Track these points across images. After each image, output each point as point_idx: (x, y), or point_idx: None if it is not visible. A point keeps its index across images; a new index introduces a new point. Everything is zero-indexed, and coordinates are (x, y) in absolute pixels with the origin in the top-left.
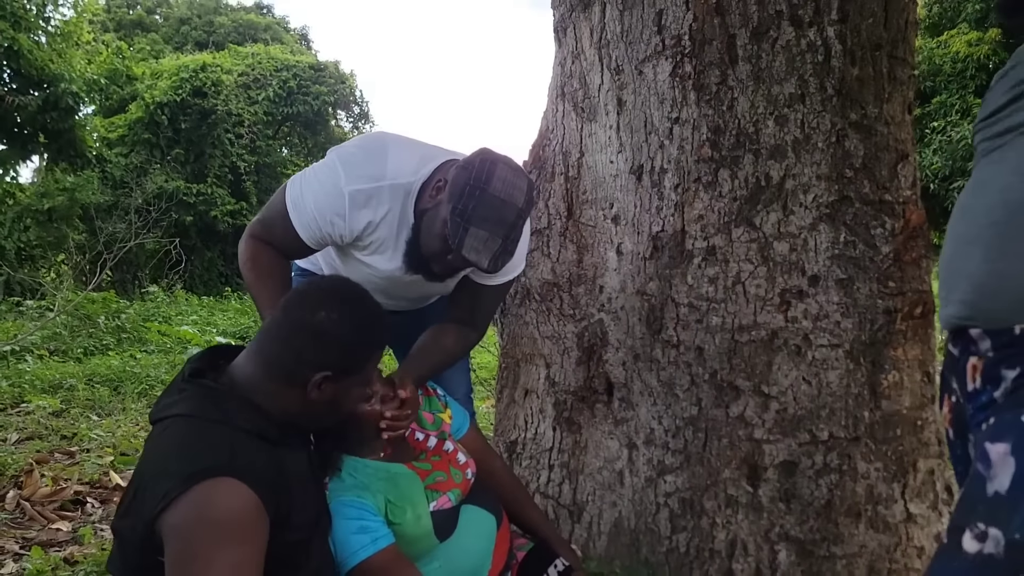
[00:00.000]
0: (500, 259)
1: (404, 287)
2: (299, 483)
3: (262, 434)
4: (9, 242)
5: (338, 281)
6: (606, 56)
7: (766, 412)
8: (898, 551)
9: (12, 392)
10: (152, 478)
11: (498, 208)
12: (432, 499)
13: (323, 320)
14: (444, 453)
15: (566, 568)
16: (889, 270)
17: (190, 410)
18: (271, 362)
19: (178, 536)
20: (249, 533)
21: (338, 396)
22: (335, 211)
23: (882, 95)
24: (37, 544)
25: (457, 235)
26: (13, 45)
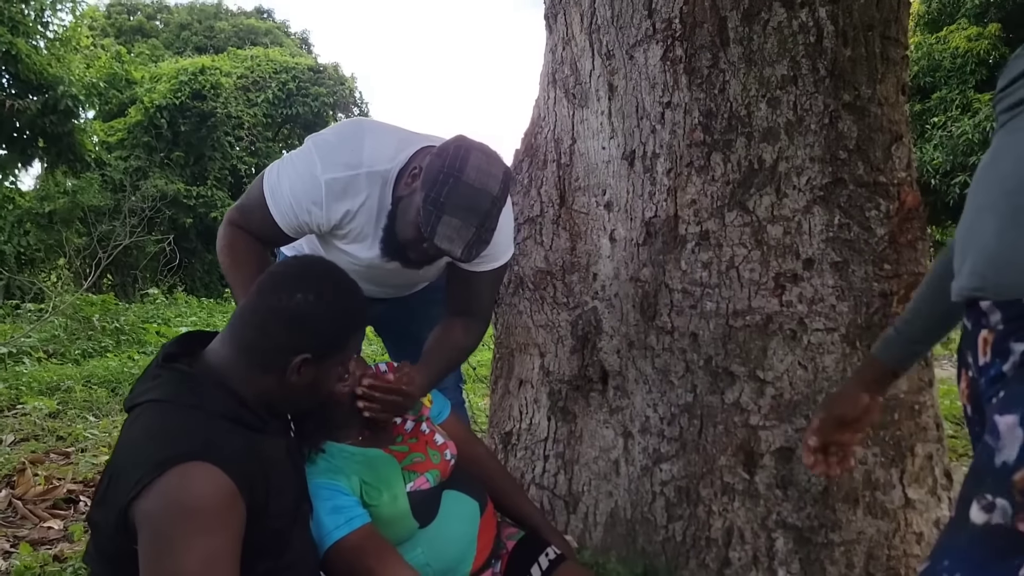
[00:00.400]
0: (474, 248)
1: (386, 274)
2: (277, 470)
3: (238, 419)
4: (9, 246)
5: (312, 261)
6: (597, 41)
7: (762, 398)
8: (896, 537)
9: (9, 394)
10: (125, 466)
11: (471, 196)
12: (409, 480)
13: (299, 303)
14: (421, 435)
15: (557, 556)
16: (884, 252)
17: (163, 395)
18: (247, 347)
19: (151, 524)
20: (224, 520)
21: (318, 378)
22: (312, 200)
23: (875, 76)
24: (28, 542)
25: (430, 223)
26: (11, 50)
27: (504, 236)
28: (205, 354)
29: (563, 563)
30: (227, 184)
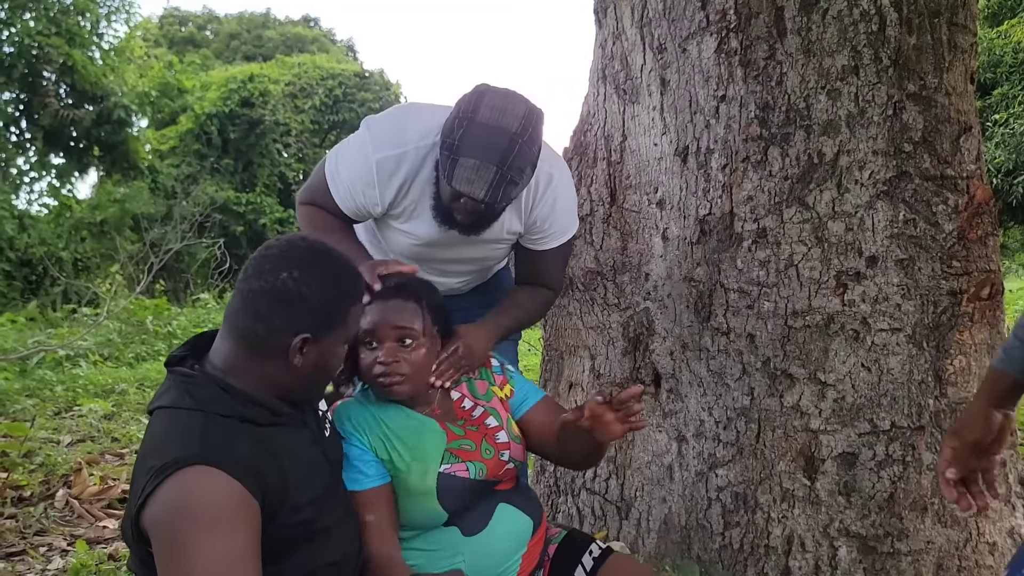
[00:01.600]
0: (500, 189)
1: (446, 251)
2: (298, 461)
3: (242, 416)
4: (66, 253)
5: (295, 239)
6: (648, 35)
7: (823, 401)
8: (968, 547)
9: (66, 396)
10: (135, 474)
11: (487, 135)
12: (448, 461)
13: (285, 281)
14: (483, 426)
15: (603, 551)
16: (953, 249)
17: (167, 402)
18: (244, 336)
19: (158, 531)
20: (230, 520)
21: (324, 358)
22: (365, 181)
23: (942, 64)
24: (84, 540)
25: (447, 168)
26: (68, 61)
27: (565, 211)
28: (210, 354)
29: (610, 557)
30: (276, 191)
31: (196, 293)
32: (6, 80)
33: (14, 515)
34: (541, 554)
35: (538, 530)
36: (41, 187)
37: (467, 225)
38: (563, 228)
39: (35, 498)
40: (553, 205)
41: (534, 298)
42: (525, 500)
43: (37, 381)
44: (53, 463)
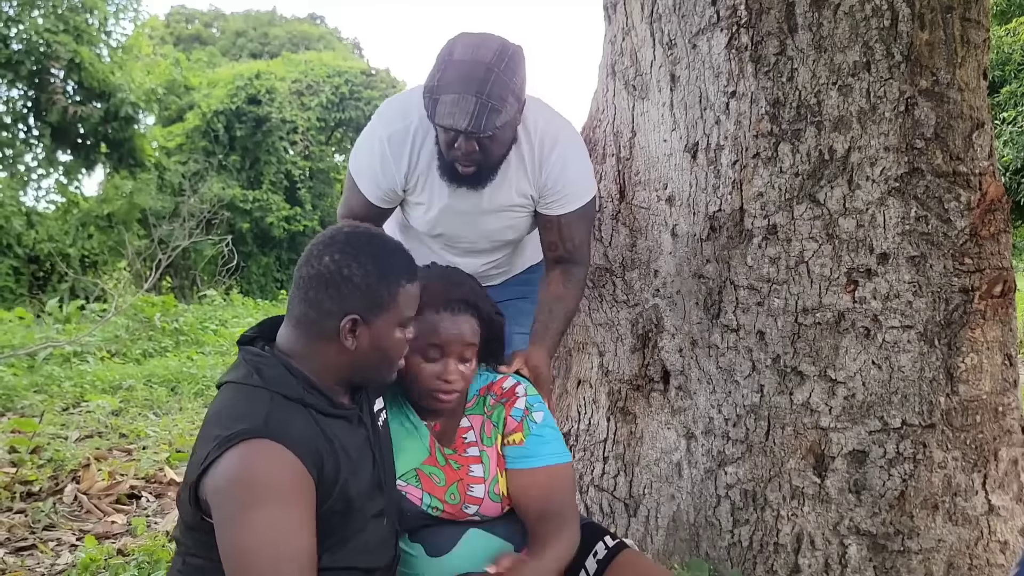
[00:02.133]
0: (483, 117)
1: (464, 223)
2: (351, 455)
3: (304, 401)
4: (74, 249)
5: (339, 228)
6: (658, 31)
7: (833, 398)
8: (979, 545)
9: (74, 392)
10: (198, 442)
11: (461, 69)
12: (406, 479)
13: (328, 264)
14: (465, 470)
15: (614, 545)
16: (965, 246)
17: (236, 377)
18: (300, 321)
19: (218, 500)
20: (288, 493)
21: (379, 339)
22: (382, 159)
23: (954, 60)
24: (93, 535)
25: (430, 109)
26: (75, 58)
27: (577, 173)
28: (277, 337)
29: (621, 552)
30: (282, 188)
31: (203, 290)
32: (14, 77)
33: (23, 510)
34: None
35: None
36: (49, 184)
37: (470, 177)
38: (578, 191)
39: (44, 493)
40: (563, 166)
41: (568, 284)
42: (504, 524)
43: (45, 377)
44: (61, 458)
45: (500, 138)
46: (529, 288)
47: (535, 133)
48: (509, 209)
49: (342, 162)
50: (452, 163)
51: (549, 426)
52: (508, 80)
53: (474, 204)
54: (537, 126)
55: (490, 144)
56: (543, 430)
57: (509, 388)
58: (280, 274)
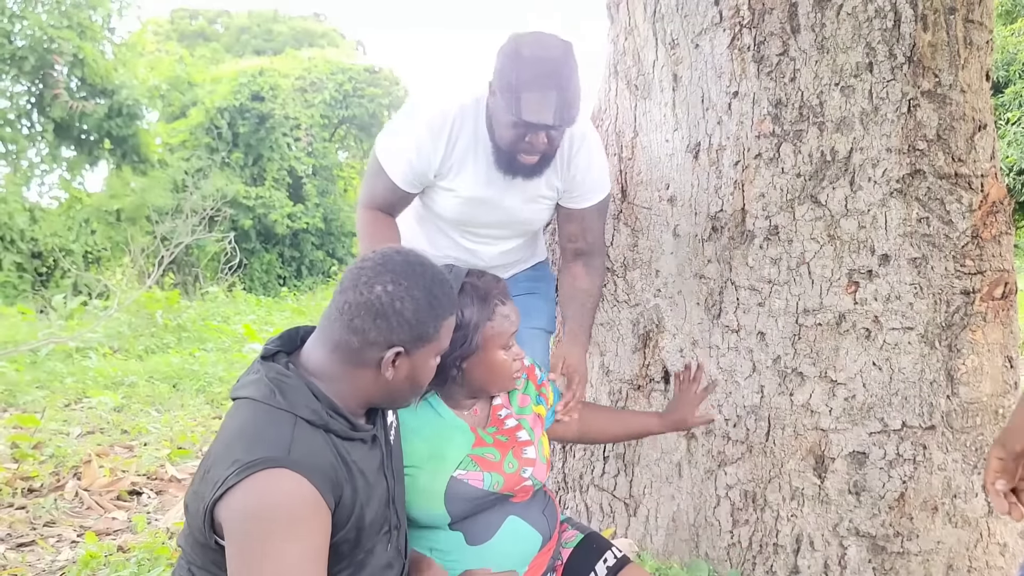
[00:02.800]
0: (563, 111)
1: (489, 211)
2: (367, 481)
3: (326, 426)
4: (77, 245)
5: (391, 252)
6: (661, 31)
7: (833, 399)
8: (979, 547)
9: (76, 388)
10: (215, 462)
11: (537, 66)
12: (465, 467)
13: (380, 295)
14: (513, 438)
15: (619, 559)
16: (967, 248)
17: (258, 394)
18: (338, 346)
19: (236, 528)
20: (306, 526)
21: (414, 370)
22: (418, 144)
23: (957, 61)
24: (93, 532)
25: (513, 106)
26: (79, 54)
27: (600, 169)
28: (302, 354)
29: (625, 567)
30: (285, 185)
31: (205, 287)
32: (18, 73)
33: (24, 506)
34: (549, 561)
35: (547, 544)
36: (52, 180)
37: (531, 166)
38: (600, 186)
39: (45, 489)
40: (589, 163)
41: (592, 276)
42: (538, 513)
43: (47, 373)
44: (63, 455)
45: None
46: (536, 284)
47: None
48: (536, 200)
49: (345, 159)
50: (513, 155)
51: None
52: (575, 73)
53: (505, 193)
54: None
55: (558, 136)
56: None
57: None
58: (283, 271)
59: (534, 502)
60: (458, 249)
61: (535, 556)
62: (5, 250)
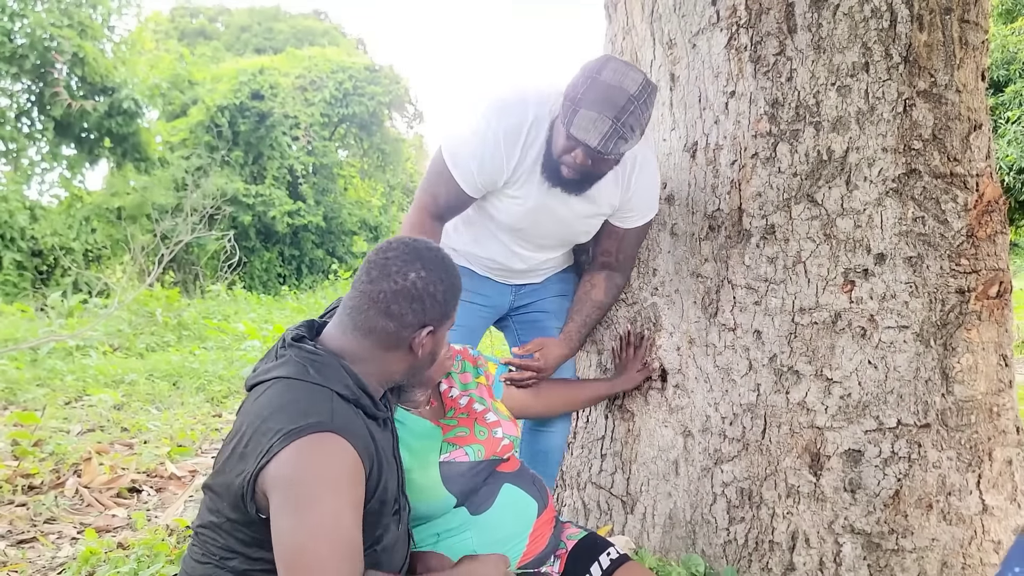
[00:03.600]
0: (611, 141)
1: (547, 223)
2: (386, 458)
3: (358, 403)
4: (77, 243)
5: (409, 243)
6: (658, 31)
7: (829, 397)
8: (973, 545)
9: (76, 386)
10: (254, 435)
11: (607, 91)
12: (446, 450)
13: (415, 280)
14: (472, 411)
15: (619, 556)
16: (962, 247)
17: (291, 373)
18: (372, 332)
19: (283, 485)
20: (349, 483)
21: (438, 344)
22: (492, 151)
23: (953, 61)
24: (93, 529)
25: (567, 117)
26: (79, 53)
27: (655, 192)
28: (326, 340)
29: (625, 563)
30: (284, 183)
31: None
32: (18, 71)
33: (24, 503)
34: (553, 540)
35: (544, 512)
36: (52, 178)
37: (571, 181)
38: (650, 209)
39: (45, 486)
40: (647, 186)
41: (610, 293)
42: (529, 483)
43: (47, 371)
44: (63, 452)
45: (612, 161)
46: (567, 287)
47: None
48: (595, 216)
49: (345, 158)
50: (558, 165)
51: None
52: (642, 114)
53: (568, 207)
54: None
55: (604, 167)
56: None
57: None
58: (282, 269)
59: (523, 473)
60: (506, 255)
61: (535, 522)
62: (5, 248)
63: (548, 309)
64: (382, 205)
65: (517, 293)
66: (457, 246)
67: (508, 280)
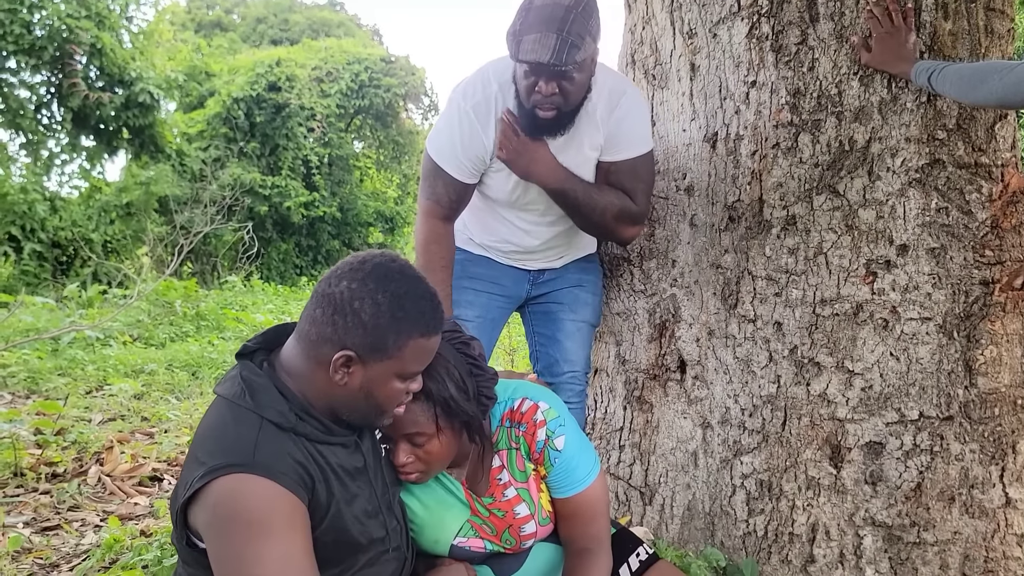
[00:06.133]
0: (562, 52)
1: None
2: (345, 483)
3: (295, 430)
4: (96, 235)
5: (374, 254)
6: (678, 20)
7: (850, 389)
8: (996, 538)
9: (97, 375)
10: (186, 461)
11: (542, 11)
12: (464, 534)
13: (343, 291)
14: (510, 514)
15: (649, 556)
16: (986, 238)
17: (229, 393)
18: (303, 339)
19: (212, 535)
20: (284, 524)
21: (371, 385)
22: (469, 131)
23: (978, 50)
24: (116, 516)
25: (514, 49)
26: (96, 43)
27: (639, 122)
28: (281, 351)
29: (655, 564)
30: (300, 174)
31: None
32: (37, 63)
33: (48, 491)
34: None
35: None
36: (72, 169)
37: (551, 122)
38: (639, 138)
39: (68, 474)
40: (629, 113)
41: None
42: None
43: (69, 361)
44: (85, 440)
45: (578, 80)
46: (584, 276)
47: (604, 86)
48: (583, 164)
49: (361, 149)
50: (532, 111)
51: (573, 446)
52: (586, 21)
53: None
54: (606, 82)
55: (569, 86)
56: (566, 458)
57: (527, 412)
58: (300, 260)
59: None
60: (515, 232)
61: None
62: (26, 239)
63: (563, 300)
64: (397, 196)
65: (535, 282)
66: (475, 237)
67: (527, 264)
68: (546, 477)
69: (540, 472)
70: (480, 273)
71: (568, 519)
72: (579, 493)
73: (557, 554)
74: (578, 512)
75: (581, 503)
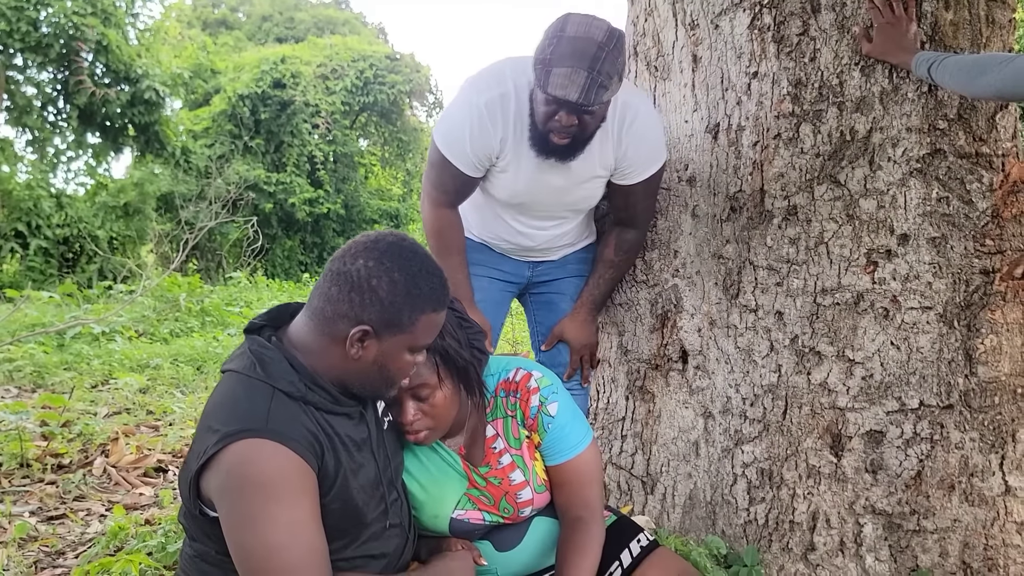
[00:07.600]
0: (591, 92)
1: (546, 194)
2: (352, 451)
3: (305, 399)
4: (102, 231)
5: (387, 233)
6: (680, 11)
7: (851, 378)
8: (995, 526)
9: (102, 370)
10: (198, 432)
11: (575, 44)
12: (462, 507)
13: (359, 269)
14: (506, 480)
15: (649, 543)
16: (987, 227)
17: (240, 367)
18: (315, 315)
19: (226, 500)
20: (294, 489)
21: (384, 358)
22: (479, 126)
23: (979, 40)
24: (121, 506)
25: (542, 80)
26: (103, 40)
27: (651, 147)
28: (290, 326)
29: (655, 550)
30: (305, 171)
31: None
32: (44, 60)
33: (54, 481)
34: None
35: None
36: (78, 166)
37: (562, 148)
38: (650, 161)
39: (74, 466)
40: (641, 138)
41: (620, 251)
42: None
43: (74, 355)
44: (91, 433)
45: (598, 113)
46: (585, 267)
47: (616, 104)
48: (592, 179)
49: (367, 146)
50: (546, 135)
51: (566, 413)
52: (615, 59)
53: (561, 174)
54: (618, 98)
55: (589, 119)
56: (559, 425)
57: (521, 380)
58: (304, 256)
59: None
60: (512, 233)
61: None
62: (32, 235)
63: (564, 291)
64: (402, 193)
65: (535, 269)
66: (474, 229)
67: (525, 257)
68: (540, 445)
69: (534, 440)
70: (480, 259)
71: (562, 487)
72: (572, 459)
73: (556, 528)
74: (571, 479)
75: (574, 469)
